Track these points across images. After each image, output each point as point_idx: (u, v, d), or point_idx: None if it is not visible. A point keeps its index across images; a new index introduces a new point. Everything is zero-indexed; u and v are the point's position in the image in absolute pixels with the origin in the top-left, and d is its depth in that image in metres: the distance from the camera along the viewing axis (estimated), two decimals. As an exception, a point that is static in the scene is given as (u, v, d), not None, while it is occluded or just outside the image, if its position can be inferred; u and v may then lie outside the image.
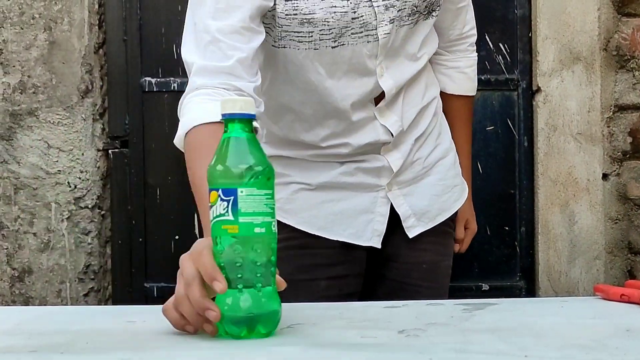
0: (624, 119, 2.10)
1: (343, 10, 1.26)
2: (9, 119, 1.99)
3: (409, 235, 1.44)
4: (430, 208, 1.46)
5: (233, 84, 1.15)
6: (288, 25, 1.26)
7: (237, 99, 0.90)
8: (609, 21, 2.08)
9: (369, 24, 1.28)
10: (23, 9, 1.98)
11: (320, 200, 1.41)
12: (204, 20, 1.18)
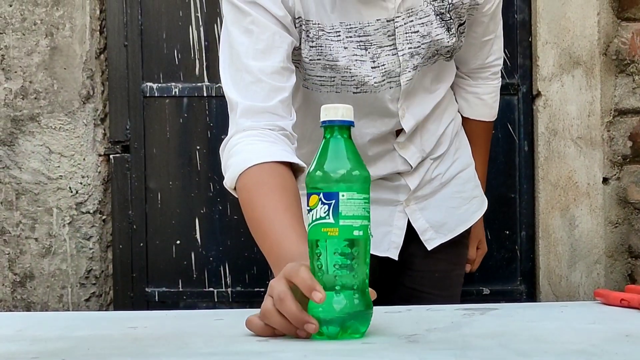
0: (624, 123, 2.11)
1: (362, 59, 1.28)
2: (11, 125, 2.00)
3: (427, 247, 1.48)
4: (447, 220, 1.49)
5: (277, 124, 1.19)
6: (312, 70, 1.29)
7: (338, 106, 0.92)
8: (608, 26, 2.10)
9: (391, 72, 1.31)
10: (25, 15, 2.00)
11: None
12: (244, 60, 1.20)
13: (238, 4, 1.21)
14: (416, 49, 1.30)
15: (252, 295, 2.10)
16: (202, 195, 2.12)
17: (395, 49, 1.29)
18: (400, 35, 1.29)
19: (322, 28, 1.26)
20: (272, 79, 1.20)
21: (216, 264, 2.13)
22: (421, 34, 1.30)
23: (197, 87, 2.10)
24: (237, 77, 1.21)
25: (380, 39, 1.28)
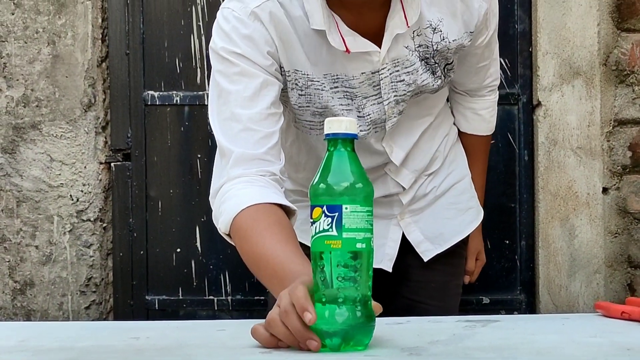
0: (623, 133, 2.12)
1: (348, 108, 1.32)
2: (12, 132, 2.01)
3: (424, 258, 1.51)
4: (443, 230, 1.51)
5: (267, 169, 1.22)
6: (301, 115, 1.34)
7: (342, 119, 0.93)
8: (608, 36, 2.11)
9: (377, 120, 1.35)
10: (27, 23, 2.01)
11: None
12: (233, 109, 1.23)
13: (224, 55, 1.23)
14: (402, 96, 1.33)
15: (252, 304, 2.11)
16: (203, 204, 2.12)
17: (380, 98, 1.32)
18: (386, 86, 1.31)
19: (310, 78, 1.29)
20: (261, 126, 1.23)
21: (216, 272, 2.14)
22: (407, 82, 1.32)
23: (199, 96, 2.12)
24: (226, 126, 1.23)
25: (366, 90, 1.31)
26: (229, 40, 1.24)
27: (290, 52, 1.26)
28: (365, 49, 1.26)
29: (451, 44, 1.33)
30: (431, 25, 1.30)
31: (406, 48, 1.30)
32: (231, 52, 1.23)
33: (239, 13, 1.24)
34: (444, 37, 1.31)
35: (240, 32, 1.23)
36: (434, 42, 1.31)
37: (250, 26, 1.24)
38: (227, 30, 1.24)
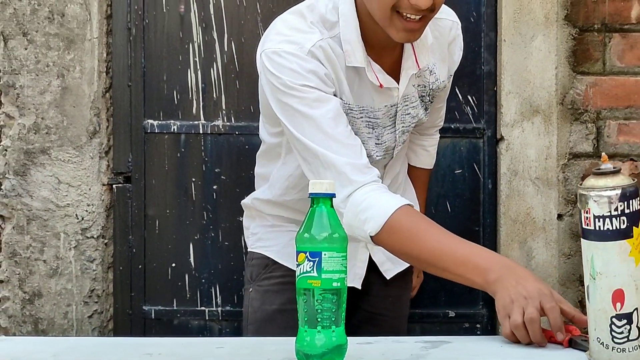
0: (577, 165, 2.26)
1: (369, 136, 1.51)
2: (24, 157, 2.17)
3: (386, 277, 1.70)
4: (393, 258, 1.67)
5: (375, 175, 1.40)
6: None
7: (323, 182, 1.12)
8: (565, 78, 2.25)
9: (389, 147, 1.56)
10: (39, 58, 2.16)
11: None
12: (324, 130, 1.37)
13: (297, 87, 1.37)
14: (407, 127, 1.56)
15: (240, 314, 2.27)
16: (196, 223, 2.27)
17: (394, 128, 1.54)
18: (398, 117, 1.53)
19: (350, 107, 1.47)
20: (352, 140, 1.40)
21: (208, 286, 2.28)
22: (412, 115, 1.56)
23: (194, 125, 2.26)
24: (325, 144, 1.37)
25: (385, 120, 1.52)
26: (297, 74, 1.38)
27: (338, 83, 1.45)
28: (391, 85, 1.48)
29: (440, 85, 1.59)
30: (429, 68, 1.54)
31: (413, 87, 1.53)
32: (302, 85, 1.37)
33: (297, 52, 1.39)
34: (437, 79, 1.57)
35: (305, 67, 1.38)
36: (431, 82, 1.56)
37: (311, 62, 1.39)
38: (291, 67, 1.38)
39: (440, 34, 1.56)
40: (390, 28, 1.38)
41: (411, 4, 1.33)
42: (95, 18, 2.16)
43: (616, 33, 2.28)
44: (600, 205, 1.06)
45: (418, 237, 1.34)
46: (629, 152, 2.28)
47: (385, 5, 1.35)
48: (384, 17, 1.37)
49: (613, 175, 1.08)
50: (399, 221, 1.35)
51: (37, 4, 2.15)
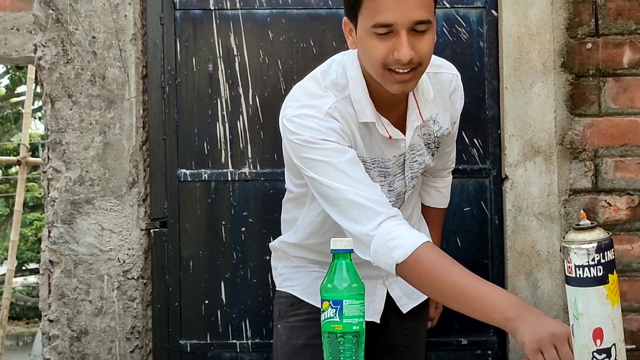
0: (577, 200, 2.39)
1: (381, 184, 1.65)
2: (70, 207, 2.37)
3: (402, 311, 1.85)
4: (409, 294, 1.84)
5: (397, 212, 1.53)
6: None
7: (343, 239, 1.32)
8: (563, 120, 2.39)
9: (400, 193, 1.73)
10: (83, 117, 2.37)
11: None
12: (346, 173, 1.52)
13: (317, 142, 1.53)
14: (415, 173, 1.73)
15: (269, 346, 2.38)
16: (227, 263, 2.45)
17: (403, 175, 1.71)
18: (407, 165, 1.70)
19: (364, 159, 1.62)
20: (372, 182, 1.55)
21: (238, 320, 2.44)
22: (419, 162, 1.72)
23: (223, 173, 2.43)
24: (350, 184, 1.51)
25: (395, 169, 1.69)
26: (317, 131, 1.53)
27: (353, 139, 1.60)
28: (399, 137, 1.64)
29: (445, 132, 1.75)
30: (432, 118, 1.71)
31: (418, 137, 1.70)
32: (322, 139, 1.53)
33: (317, 114, 1.55)
34: (440, 127, 1.73)
35: (324, 125, 1.54)
36: (435, 131, 1.73)
37: (329, 121, 1.55)
38: (312, 125, 1.53)
39: (442, 87, 1.73)
40: (386, 83, 1.53)
41: (395, 60, 1.48)
42: (132, 79, 2.38)
43: (610, 77, 2.42)
44: (579, 256, 1.25)
45: (441, 272, 1.44)
46: (626, 187, 2.43)
47: (376, 64, 1.50)
48: (378, 74, 1.52)
49: (590, 230, 1.26)
50: (425, 254, 1.45)
51: (80, 68, 2.37)
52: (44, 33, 2.37)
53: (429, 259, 1.46)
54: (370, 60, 1.52)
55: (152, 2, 2.44)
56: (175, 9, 2.46)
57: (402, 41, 1.46)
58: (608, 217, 2.42)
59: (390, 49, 1.48)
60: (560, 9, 2.43)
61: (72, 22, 2.36)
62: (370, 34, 1.49)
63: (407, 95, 1.64)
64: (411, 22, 1.47)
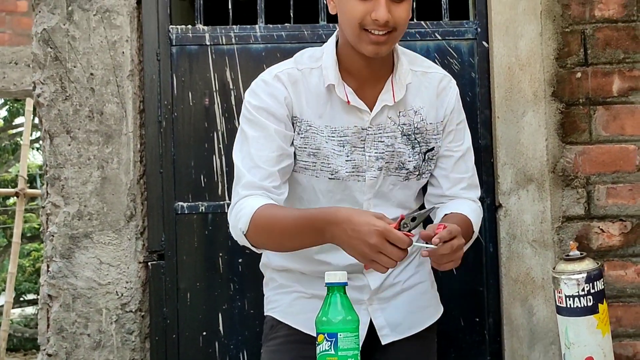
0: (570, 227, 2.43)
1: (339, 153, 1.70)
2: (69, 241, 2.39)
3: (382, 341, 1.78)
4: (403, 321, 1.78)
5: (269, 195, 1.62)
6: (299, 155, 1.70)
7: (337, 273, 1.36)
8: (555, 149, 2.43)
9: (359, 167, 1.71)
10: (81, 152, 2.40)
11: (313, 308, 1.60)
12: (250, 149, 1.65)
13: (250, 108, 1.67)
14: (381, 154, 1.72)
15: None
16: (224, 294, 2.46)
17: (364, 150, 1.71)
18: (369, 142, 1.71)
19: (310, 124, 1.68)
20: (267, 165, 1.63)
21: (236, 351, 2.45)
22: (385, 144, 1.72)
23: (220, 205, 2.46)
24: (245, 160, 1.65)
25: (355, 141, 1.71)
26: (256, 96, 1.68)
27: (300, 104, 1.68)
28: (361, 107, 1.69)
29: (429, 126, 1.75)
30: (413, 109, 1.74)
31: (389, 119, 1.72)
32: (255, 106, 1.67)
33: (266, 77, 1.70)
34: (422, 119, 1.75)
35: (265, 90, 1.68)
36: (415, 122, 1.74)
37: (272, 85, 1.68)
38: (256, 90, 1.69)
39: (430, 84, 1.78)
40: (361, 44, 1.62)
41: (372, 20, 1.58)
42: (130, 114, 2.42)
43: (600, 106, 2.47)
44: (569, 286, 1.28)
45: (276, 221, 1.54)
46: (618, 214, 2.46)
47: (354, 23, 1.60)
48: (354, 34, 1.62)
49: (580, 260, 1.30)
50: (261, 214, 1.56)
51: (78, 104, 2.41)
52: (43, 70, 2.41)
53: (265, 216, 1.55)
54: (348, 20, 1.62)
55: (148, 39, 2.49)
56: (172, 45, 2.50)
57: (381, 3, 1.57)
58: (601, 244, 2.45)
59: (368, 10, 1.58)
60: (550, 40, 2.48)
61: (70, 59, 2.41)
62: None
63: (384, 77, 1.71)
64: None
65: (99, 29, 2.42)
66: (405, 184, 1.76)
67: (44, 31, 2.42)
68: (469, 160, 1.84)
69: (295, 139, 1.69)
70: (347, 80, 1.70)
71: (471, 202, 1.82)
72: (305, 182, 1.73)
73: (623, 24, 2.50)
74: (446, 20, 2.56)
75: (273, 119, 1.66)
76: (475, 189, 1.86)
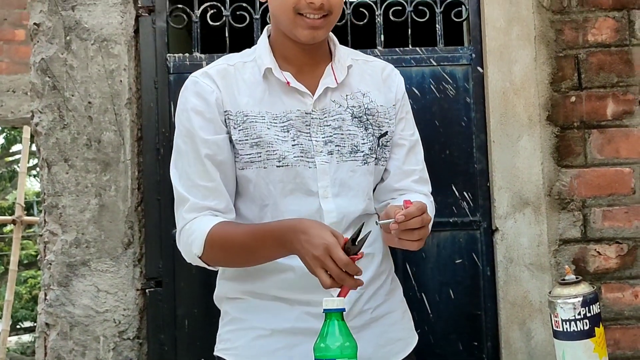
0: (567, 250, 2.46)
1: (284, 139, 1.59)
2: (66, 269, 2.39)
3: None
4: (373, 356, 1.62)
5: (215, 214, 1.56)
6: (242, 149, 1.59)
7: (334, 299, 1.33)
8: (550, 172, 2.47)
9: (307, 152, 1.60)
10: (79, 180, 2.41)
11: (276, 347, 1.60)
12: (185, 167, 1.59)
13: (179, 114, 1.60)
14: (329, 137, 1.61)
15: None
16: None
17: (309, 135, 1.60)
18: (315, 126, 1.62)
19: (246, 114, 1.58)
20: (205, 181, 1.56)
21: None
22: (332, 127, 1.62)
23: None
24: (182, 180, 1.59)
25: (300, 125, 1.60)
26: (183, 98, 1.61)
27: (232, 96, 1.59)
28: (300, 88, 1.60)
29: (379, 108, 1.69)
30: (360, 91, 1.69)
31: (333, 102, 1.63)
32: (183, 110, 1.59)
33: (195, 76, 1.62)
34: (372, 100, 1.69)
35: (192, 90, 1.59)
36: (365, 103, 1.68)
37: (200, 84, 1.59)
38: (183, 92, 1.61)
39: (373, 72, 1.72)
40: (296, 30, 1.57)
41: (307, 3, 1.53)
42: (127, 142, 2.43)
43: (594, 129, 2.52)
44: (566, 310, 1.29)
45: (230, 239, 1.51)
46: (614, 236, 2.49)
47: (288, 8, 1.55)
48: (289, 19, 1.56)
49: (575, 284, 1.31)
50: (215, 234, 1.51)
51: (76, 133, 2.43)
52: (41, 100, 2.42)
53: (220, 235, 1.51)
54: (282, 5, 1.56)
55: (146, 67, 2.51)
56: (170, 73, 2.52)
57: None
58: (598, 266, 2.47)
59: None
60: (544, 64, 2.51)
61: (68, 88, 2.43)
62: None
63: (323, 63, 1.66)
64: None
65: (97, 57, 2.44)
66: (366, 170, 1.65)
67: (42, 60, 2.44)
68: (419, 153, 1.76)
69: (233, 133, 1.59)
70: (284, 67, 1.64)
71: (423, 196, 1.71)
72: (254, 176, 1.61)
73: (616, 48, 2.54)
74: (441, 46, 2.59)
75: (201, 120, 1.58)
76: (426, 184, 1.76)
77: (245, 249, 1.51)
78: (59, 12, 2.45)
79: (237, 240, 1.51)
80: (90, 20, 2.45)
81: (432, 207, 1.73)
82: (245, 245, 1.51)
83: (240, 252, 1.51)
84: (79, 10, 2.45)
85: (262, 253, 1.51)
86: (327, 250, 1.37)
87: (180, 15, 2.58)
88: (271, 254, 1.51)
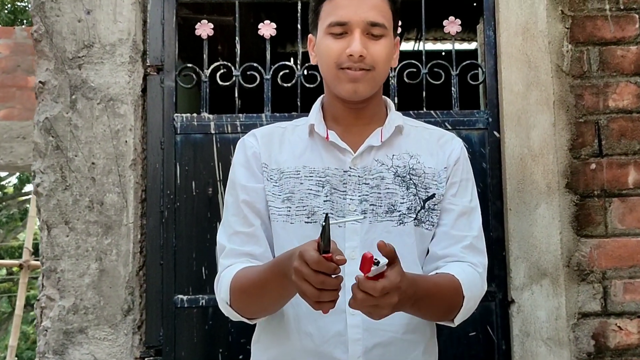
0: (587, 324, 2.36)
1: (317, 194, 1.59)
2: (63, 337, 2.30)
3: None
4: None
5: (251, 261, 1.56)
6: (273, 202, 1.61)
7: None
8: (569, 242, 2.38)
9: (339, 211, 1.57)
10: (79, 244, 2.34)
11: None
12: (228, 216, 1.63)
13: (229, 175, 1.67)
14: (365, 196, 1.58)
15: None
16: None
17: (345, 194, 1.59)
18: (352, 184, 1.59)
19: (282, 170, 1.62)
20: (244, 228, 1.59)
21: None
22: (370, 185, 1.60)
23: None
24: (224, 228, 1.62)
25: (336, 183, 1.60)
26: (234, 157, 1.68)
27: (272, 152, 1.64)
28: (341, 145, 1.62)
29: (427, 169, 1.63)
30: (409, 153, 1.65)
31: (376, 161, 1.62)
32: (232, 166, 1.67)
33: (243, 137, 1.70)
34: (419, 162, 1.64)
35: (239, 148, 1.67)
36: (411, 164, 1.63)
37: (244, 141, 1.67)
38: (234, 161, 1.68)
39: (430, 137, 1.70)
40: (339, 84, 1.58)
41: (347, 56, 1.54)
42: (131, 204, 2.35)
43: (615, 198, 2.43)
44: None
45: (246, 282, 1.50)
46: (636, 310, 2.39)
47: (330, 63, 1.57)
48: (332, 75, 1.58)
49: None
50: (236, 278, 1.52)
51: (78, 194, 2.35)
52: (43, 160, 2.36)
53: (239, 279, 1.52)
54: (326, 61, 1.59)
55: (153, 127, 2.45)
56: (176, 134, 2.46)
57: (355, 37, 1.54)
58: (619, 342, 2.38)
59: (343, 48, 1.55)
60: (563, 130, 2.43)
61: (71, 148, 2.36)
62: (326, 35, 1.58)
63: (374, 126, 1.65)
64: (365, 22, 1.55)
65: (102, 117, 2.38)
66: (402, 231, 1.57)
67: (46, 119, 2.38)
68: (474, 221, 1.64)
69: (267, 185, 1.63)
70: (331, 126, 1.66)
71: (467, 265, 1.58)
72: (280, 229, 1.60)
73: (638, 114, 2.48)
74: (456, 109, 2.51)
75: (243, 170, 1.65)
76: (479, 255, 1.62)
77: (259, 287, 1.48)
78: (65, 71, 2.39)
79: (251, 277, 1.50)
80: (97, 79, 2.40)
81: (478, 282, 1.60)
82: (259, 284, 1.48)
83: (256, 291, 1.49)
84: (86, 69, 2.40)
85: (271, 286, 1.47)
86: (300, 257, 1.32)
87: (190, 75, 2.52)
88: (277, 286, 1.46)
